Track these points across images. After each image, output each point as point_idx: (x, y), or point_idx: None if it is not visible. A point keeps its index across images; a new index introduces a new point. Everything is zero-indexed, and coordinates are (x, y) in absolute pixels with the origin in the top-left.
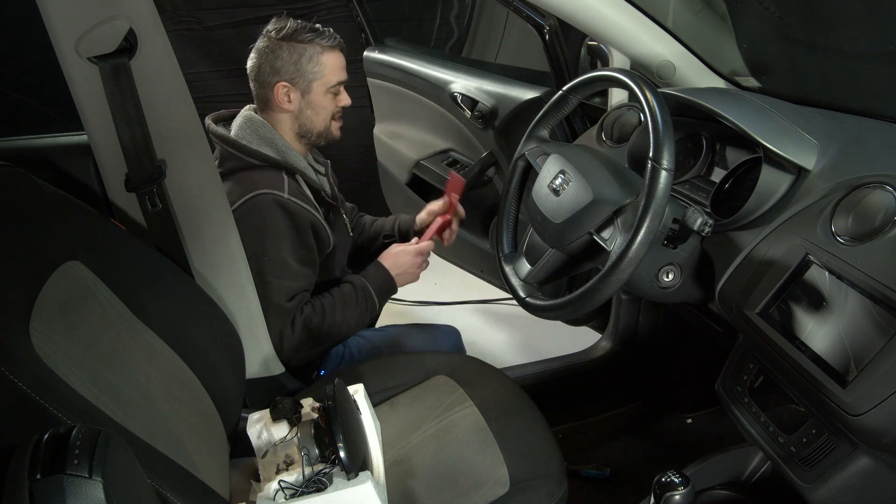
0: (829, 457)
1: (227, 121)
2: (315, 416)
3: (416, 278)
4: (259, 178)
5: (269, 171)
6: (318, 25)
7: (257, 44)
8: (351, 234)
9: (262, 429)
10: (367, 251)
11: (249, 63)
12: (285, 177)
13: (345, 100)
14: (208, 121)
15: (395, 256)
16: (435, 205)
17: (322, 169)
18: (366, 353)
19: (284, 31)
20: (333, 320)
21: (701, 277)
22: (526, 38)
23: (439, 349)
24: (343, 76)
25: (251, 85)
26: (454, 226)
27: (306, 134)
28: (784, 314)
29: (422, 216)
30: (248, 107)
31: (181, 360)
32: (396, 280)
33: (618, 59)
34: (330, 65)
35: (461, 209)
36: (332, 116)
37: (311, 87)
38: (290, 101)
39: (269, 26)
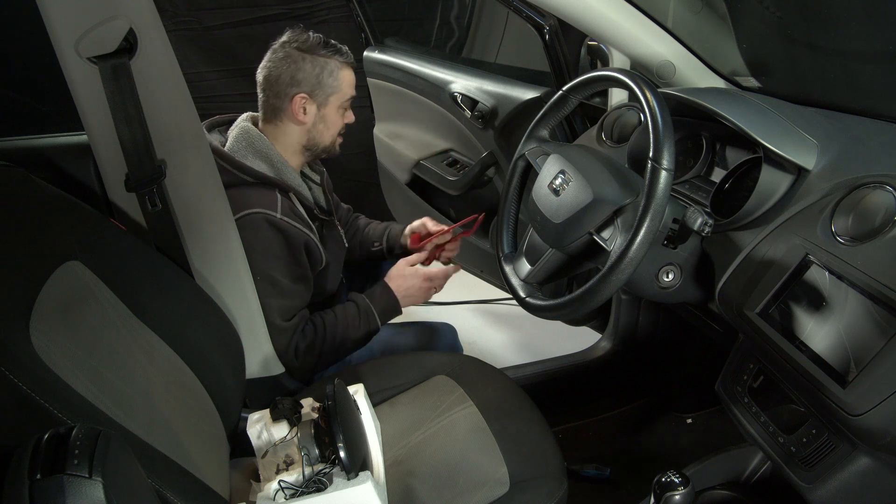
0: (829, 457)
1: (222, 126)
2: (315, 416)
3: (420, 301)
4: (251, 197)
5: (261, 188)
6: (333, 42)
7: (274, 54)
8: (346, 245)
9: (262, 429)
10: (357, 256)
11: (263, 73)
12: (278, 195)
13: (350, 117)
14: (202, 128)
15: (403, 278)
16: (419, 225)
17: (317, 178)
18: (358, 353)
19: (308, 44)
20: (334, 341)
21: (701, 277)
22: (526, 38)
23: (434, 348)
24: (354, 93)
25: (260, 94)
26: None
27: (312, 147)
28: (784, 314)
29: (413, 227)
30: (246, 116)
31: (181, 360)
32: (401, 302)
33: (618, 59)
34: (346, 80)
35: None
36: (338, 133)
37: (327, 100)
38: (305, 114)
39: (287, 38)
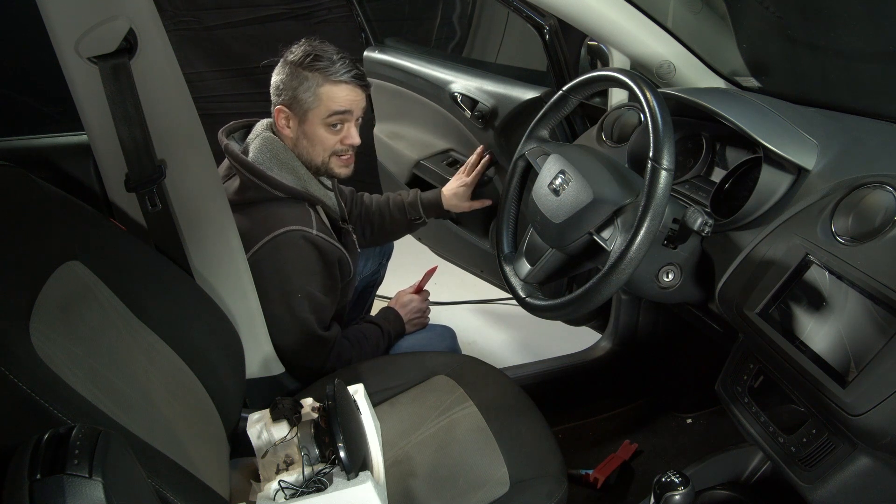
0: (829, 457)
1: (237, 132)
2: (315, 416)
3: (416, 328)
4: (287, 214)
5: (294, 204)
6: (336, 56)
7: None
8: (359, 249)
9: (262, 429)
10: (388, 234)
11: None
12: (310, 210)
13: (351, 138)
14: (222, 137)
15: (409, 312)
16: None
17: (329, 184)
18: None
19: (295, 57)
20: (351, 356)
21: (701, 277)
22: (526, 38)
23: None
24: (345, 108)
25: None
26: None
27: (306, 164)
28: (784, 314)
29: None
30: (265, 124)
31: (181, 360)
32: (406, 327)
33: (618, 59)
34: (329, 97)
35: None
36: (334, 153)
37: (306, 116)
38: (288, 127)
39: (292, 47)
